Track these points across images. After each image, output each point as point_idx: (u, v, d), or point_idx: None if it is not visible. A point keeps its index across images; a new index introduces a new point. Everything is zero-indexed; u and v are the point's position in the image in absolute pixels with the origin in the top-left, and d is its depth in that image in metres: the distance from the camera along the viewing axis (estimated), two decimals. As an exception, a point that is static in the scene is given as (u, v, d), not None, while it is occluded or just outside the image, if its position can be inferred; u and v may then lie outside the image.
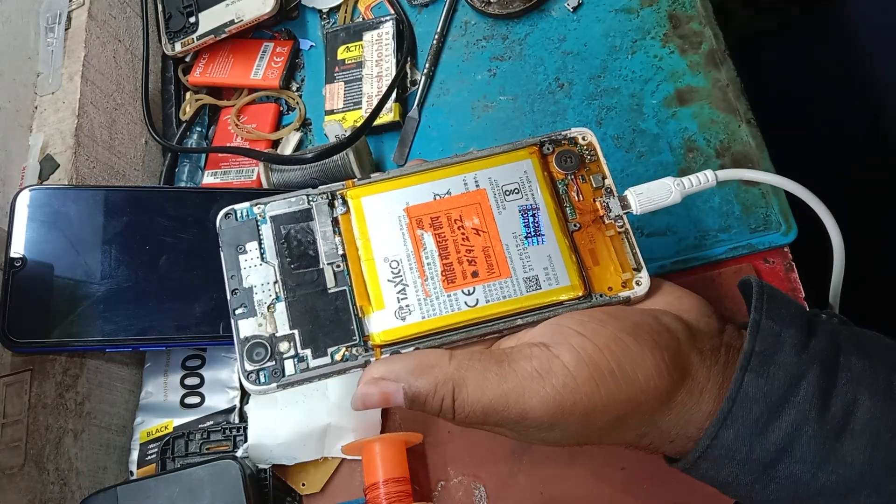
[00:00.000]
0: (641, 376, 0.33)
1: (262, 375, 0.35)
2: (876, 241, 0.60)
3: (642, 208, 0.39)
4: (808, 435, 0.33)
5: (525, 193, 0.39)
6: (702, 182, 0.40)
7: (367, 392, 0.34)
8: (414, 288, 0.37)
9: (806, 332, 0.35)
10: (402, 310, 0.37)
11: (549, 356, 0.34)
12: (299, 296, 0.37)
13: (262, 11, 0.61)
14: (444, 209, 0.39)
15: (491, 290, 0.37)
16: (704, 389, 0.34)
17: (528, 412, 0.33)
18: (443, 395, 0.34)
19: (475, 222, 0.38)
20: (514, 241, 0.38)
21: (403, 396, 0.34)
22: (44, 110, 0.57)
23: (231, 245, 0.38)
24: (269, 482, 0.47)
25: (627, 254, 0.38)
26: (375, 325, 0.36)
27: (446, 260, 0.38)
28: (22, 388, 0.47)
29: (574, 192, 0.40)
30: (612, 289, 0.37)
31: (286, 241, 0.38)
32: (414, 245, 0.38)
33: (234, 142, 0.63)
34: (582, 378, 0.33)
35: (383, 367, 0.35)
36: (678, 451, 0.36)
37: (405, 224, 0.38)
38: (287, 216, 0.39)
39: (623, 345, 0.34)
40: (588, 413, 0.33)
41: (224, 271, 0.37)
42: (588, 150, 0.41)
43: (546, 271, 0.38)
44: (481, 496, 0.48)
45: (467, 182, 0.39)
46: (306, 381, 0.35)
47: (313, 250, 0.38)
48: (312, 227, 0.38)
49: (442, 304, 0.37)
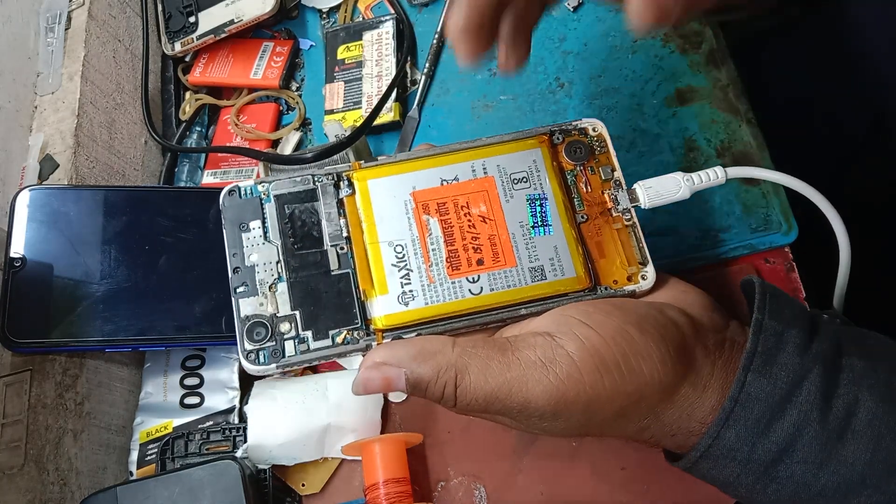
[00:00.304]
0: (646, 368, 0.33)
1: (261, 355, 0.35)
2: (876, 241, 0.60)
3: (651, 202, 0.39)
4: (810, 435, 0.33)
5: (533, 182, 0.39)
6: (711, 178, 0.40)
7: (368, 377, 0.34)
8: (418, 273, 0.37)
9: (808, 333, 0.35)
10: (406, 295, 0.36)
11: (554, 345, 0.33)
12: (302, 276, 0.36)
13: (261, 11, 0.61)
14: (451, 195, 0.38)
15: (496, 279, 0.37)
16: (708, 384, 0.34)
17: (531, 401, 0.33)
18: (445, 382, 0.33)
19: (482, 210, 0.38)
20: (520, 231, 0.38)
21: (405, 382, 0.34)
22: (44, 110, 0.57)
23: (234, 222, 0.37)
24: (269, 482, 0.47)
25: (634, 248, 0.38)
26: (378, 310, 0.36)
27: (451, 246, 0.37)
28: (22, 388, 0.47)
29: (582, 184, 0.40)
30: (617, 282, 0.37)
31: (290, 220, 0.38)
32: (419, 230, 0.38)
33: (234, 141, 0.63)
34: (586, 368, 0.33)
35: (385, 351, 0.34)
36: (679, 445, 0.36)
37: (411, 208, 0.38)
38: (292, 195, 0.38)
39: (628, 336, 0.34)
40: (591, 404, 0.33)
41: (226, 248, 0.37)
42: (598, 141, 0.40)
43: (552, 262, 0.37)
44: (481, 496, 0.47)
45: (475, 169, 0.39)
46: (306, 362, 0.35)
47: (317, 231, 0.38)
48: (317, 207, 0.38)
49: (446, 291, 0.36)
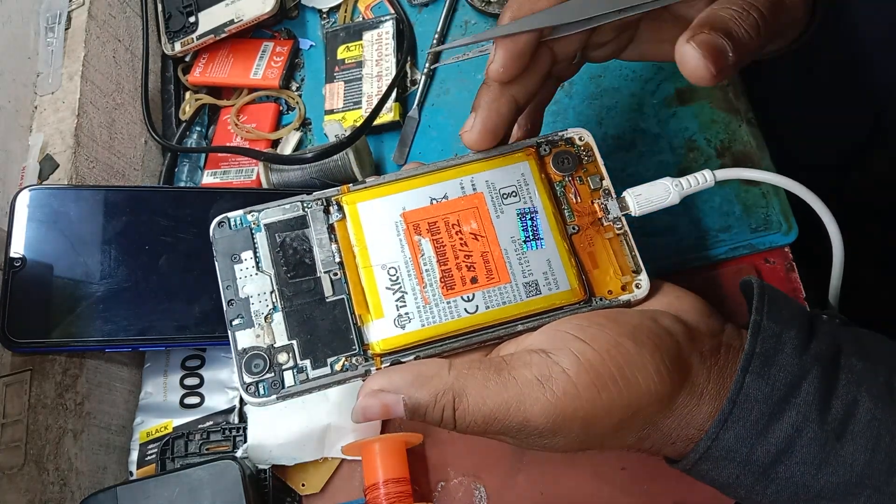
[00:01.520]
0: (642, 380, 0.33)
1: (261, 387, 0.35)
2: (876, 241, 0.60)
3: (641, 210, 0.39)
4: (809, 436, 0.33)
5: (523, 196, 0.39)
6: (700, 182, 0.40)
7: (367, 404, 0.34)
8: (413, 295, 0.37)
9: (807, 333, 0.35)
10: (402, 318, 0.36)
11: (549, 363, 0.33)
12: (297, 305, 0.36)
13: (261, 11, 0.61)
14: (442, 214, 0.38)
15: (490, 296, 0.37)
16: (705, 391, 0.34)
17: (530, 420, 0.33)
18: (443, 406, 0.34)
19: (473, 227, 0.38)
20: (512, 246, 0.38)
21: (404, 408, 0.34)
22: (44, 110, 0.57)
23: (226, 254, 0.37)
24: (269, 482, 0.47)
25: (627, 256, 0.38)
26: (375, 334, 0.36)
27: (445, 266, 0.37)
28: (22, 388, 0.47)
29: (572, 194, 0.39)
30: (611, 292, 0.37)
31: (281, 249, 0.37)
32: (412, 251, 0.37)
33: (234, 141, 0.63)
34: (583, 384, 0.33)
35: (383, 378, 0.35)
36: (679, 453, 0.36)
37: (402, 230, 0.38)
38: (282, 224, 0.38)
39: (623, 349, 0.34)
40: (589, 419, 0.33)
41: (219, 281, 0.37)
42: (585, 150, 0.40)
43: (546, 276, 0.37)
44: (481, 496, 0.47)
45: (464, 185, 0.39)
46: (306, 391, 0.35)
47: (310, 258, 0.37)
48: (308, 234, 0.38)
49: (441, 312, 0.36)
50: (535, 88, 0.39)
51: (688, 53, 0.33)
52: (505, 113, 0.38)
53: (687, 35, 0.34)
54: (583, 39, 0.40)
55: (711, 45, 0.33)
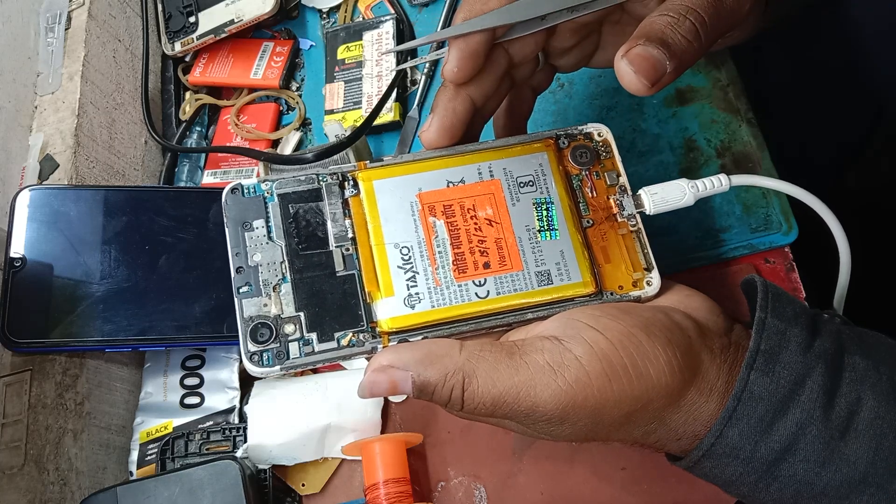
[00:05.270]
0: (654, 372, 0.33)
1: (265, 357, 0.34)
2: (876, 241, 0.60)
3: (656, 208, 0.39)
4: (813, 434, 0.33)
5: (539, 186, 0.39)
6: (715, 186, 0.40)
7: (374, 379, 0.34)
8: (424, 276, 0.36)
9: (811, 332, 0.35)
10: (412, 297, 0.36)
11: (562, 350, 0.33)
12: (306, 277, 0.36)
13: (262, 11, 0.61)
14: (458, 197, 0.38)
15: (502, 283, 0.37)
16: (714, 388, 0.34)
17: (539, 406, 0.33)
18: (452, 386, 0.33)
19: (488, 213, 0.38)
20: (527, 235, 0.38)
21: (412, 385, 0.33)
22: (44, 110, 0.57)
23: (236, 221, 0.37)
24: (269, 482, 0.47)
25: (639, 253, 0.38)
26: (383, 312, 0.36)
27: (458, 249, 0.37)
28: (22, 388, 0.47)
29: (588, 189, 0.39)
30: (622, 287, 0.37)
31: (294, 220, 0.37)
32: (425, 232, 0.37)
33: (234, 141, 0.63)
34: (594, 373, 0.33)
35: (392, 354, 0.34)
36: (684, 450, 0.36)
37: (417, 210, 0.38)
38: (296, 195, 0.38)
39: (636, 340, 0.33)
40: (599, 408, 0.33)
41: (228, 247, 0.36)
42: (603, 146, 0.40)
43: (558, 266, 0.37)
44: (481, 496, 0.47)
45: (482, 171, 0.39)
46: (311, 364, 0.35)
47: (322, 231, 0.37)
48: (322, 207, 0.37)
49: (452, 294, 0.36)
50: (491, 89, 0.40)
51: (622, 69, 0.34)
52: (461, 112, 0.39)
53: (623, 49, 0.35)
54: (539, 41, 0.40)
55: (644, 57, 0.34)
